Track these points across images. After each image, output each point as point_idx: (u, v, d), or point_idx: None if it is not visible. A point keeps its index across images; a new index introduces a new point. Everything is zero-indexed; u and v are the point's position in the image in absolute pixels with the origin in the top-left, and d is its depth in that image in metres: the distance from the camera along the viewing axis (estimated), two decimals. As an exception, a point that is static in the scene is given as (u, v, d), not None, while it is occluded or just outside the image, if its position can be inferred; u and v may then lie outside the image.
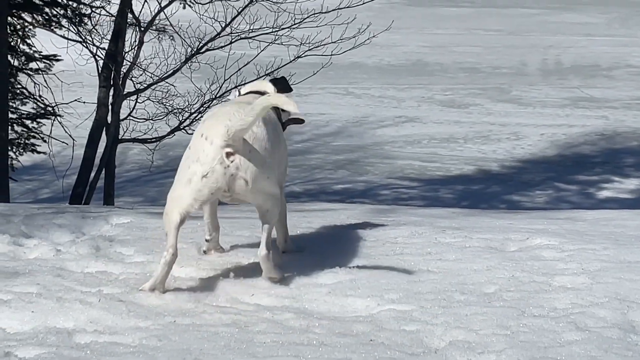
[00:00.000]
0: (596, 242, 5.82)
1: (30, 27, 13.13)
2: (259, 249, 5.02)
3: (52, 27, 12.98)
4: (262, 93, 5.34)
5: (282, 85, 5.55)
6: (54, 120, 13.40)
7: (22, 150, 13.65)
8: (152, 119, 13.14)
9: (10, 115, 12.88)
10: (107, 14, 13.00)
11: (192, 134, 14.15)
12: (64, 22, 13.04)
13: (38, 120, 13.55)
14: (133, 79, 12.90)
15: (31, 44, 13.25)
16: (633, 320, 4.55)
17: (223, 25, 12.66)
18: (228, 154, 4.81)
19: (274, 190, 5.01)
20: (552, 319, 4.52)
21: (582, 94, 23.98)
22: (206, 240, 5.62)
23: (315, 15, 12.47)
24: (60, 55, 13.03)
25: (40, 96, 13.32)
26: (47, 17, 13.00)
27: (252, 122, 4.80)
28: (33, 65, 13.35)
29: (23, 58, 13.27)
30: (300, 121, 5.68)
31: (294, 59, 12.46)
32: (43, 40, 13.36)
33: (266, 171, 4.93)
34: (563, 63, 27.93)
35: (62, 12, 13.03)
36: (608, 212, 8.07)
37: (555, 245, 5.76)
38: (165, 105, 13.12)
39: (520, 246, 5.80)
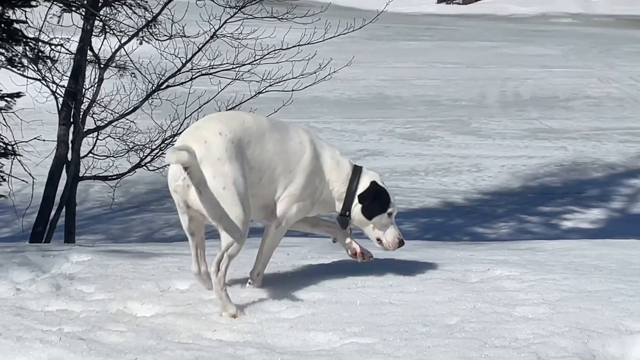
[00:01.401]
0: (556, 272, 5.87)
1: None
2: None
3: (16, 67, 12.85)
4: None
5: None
6: (13, 159, 13.28)
7: (-19, 190, 13.49)
8: (113, 156, 13.06)
9: (-31, 155, 12.77)
10: (67, 51, 12.94)
11: (153, 171, 13.76)
12: (24, 61, 12.93)
13: (-3, 159, 13.41)
14: (94, 116, 12.84)
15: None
16: (594, 350, 4.58)
17: (184, 62, 12.66)
18: (185, 168, 5.02)
19: (231, 210, 5.03)
20: (513, 350, 4.54)
21: (541, 125, 24.19)
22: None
23: (276, 51, 12.51)
24: (23, 93, 12.93)
25: (-1, 135, 13.21)
26: (8, 58, 12.88)
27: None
28: (-8, 104, 13.23)
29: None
30: None
31: (255, 95, 12.46)
32: (1, 78, 13.28)
33: (220, 182, 5.00)
34: (521, 95, 28.18)
35: (21, 49, 12.92)
36: (568, 242, 8.15)
37: (516, 275, 5.79)
38: (126, 142, 13.05)
39: (481, 277, 5.83)
